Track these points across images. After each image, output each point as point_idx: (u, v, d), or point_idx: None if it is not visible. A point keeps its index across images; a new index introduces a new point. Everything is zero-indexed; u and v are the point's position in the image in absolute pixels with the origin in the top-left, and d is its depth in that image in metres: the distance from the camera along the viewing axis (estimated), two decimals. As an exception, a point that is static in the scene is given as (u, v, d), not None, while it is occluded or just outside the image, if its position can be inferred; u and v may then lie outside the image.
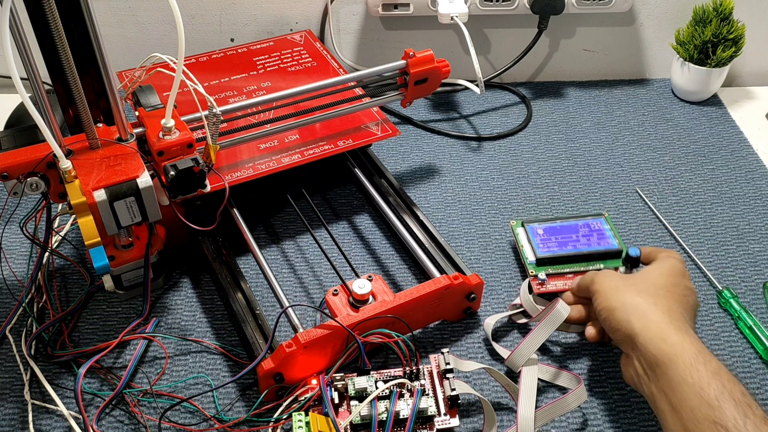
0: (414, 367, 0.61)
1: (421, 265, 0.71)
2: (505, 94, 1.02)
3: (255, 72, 0.87)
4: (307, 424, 0.55)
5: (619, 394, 0.63)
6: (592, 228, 0.74)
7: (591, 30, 1.01)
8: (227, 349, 0.66)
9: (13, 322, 0.68)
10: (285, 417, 0.59)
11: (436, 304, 0.66)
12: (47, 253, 0.72)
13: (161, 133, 0.62)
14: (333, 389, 0.59)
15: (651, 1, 0.98)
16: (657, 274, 0.61)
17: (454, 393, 0.59)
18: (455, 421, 0.59)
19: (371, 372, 0.60)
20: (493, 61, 1.03)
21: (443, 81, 0.81)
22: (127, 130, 0.63)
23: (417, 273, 0.75)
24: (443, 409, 0.60)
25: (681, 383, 0.51)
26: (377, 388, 0.58)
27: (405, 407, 0.57)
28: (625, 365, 0.58)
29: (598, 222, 0.75)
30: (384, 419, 0.57)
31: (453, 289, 0.66)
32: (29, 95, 0.55)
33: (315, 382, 0.60)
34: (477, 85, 0.92)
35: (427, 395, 0.59)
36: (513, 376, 0.64)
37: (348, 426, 0.58)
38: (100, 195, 0.58)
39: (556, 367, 0.64)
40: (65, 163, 0.58)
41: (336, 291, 0.66)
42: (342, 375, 0.60)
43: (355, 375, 0.60)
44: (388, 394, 0.58)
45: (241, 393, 0.63)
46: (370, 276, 0.67)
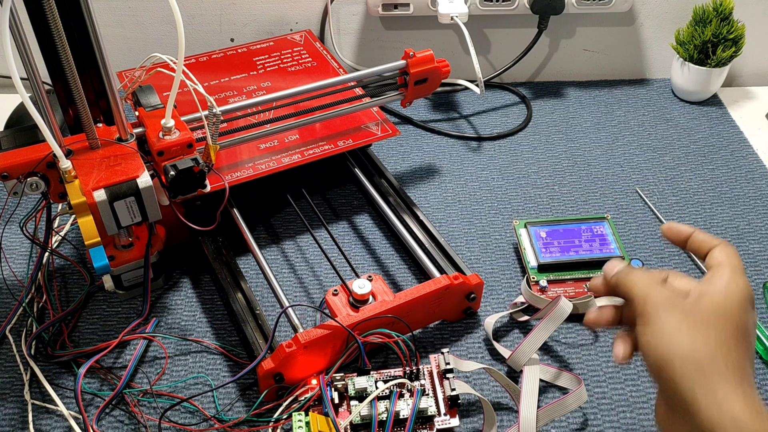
0: (414, 367, 0.61)
1: (421, 265, 0.71)
2: (505, 94, 1.02)
3: (255, 72, 0.87)
4: (307, 424, 0.55)
5: (619, 394, 0.64)
6: (594, 232, 0.74)
7: (591, 30, 1.01)
8: (227, 349, 0.66)
9: (13, 322, 0.68)
10: (285, 417, 0.59)
11: (436, 304, 0.66)
12: (47, 253, 0.72)
13: (161, 133, 0.62)
14: (333, 389, 0.59)
15: (651, 1, 0.98)
16: (728, 305, 0.46)
17: (454, 393, 0.59)
18: (455, 421, 0.59)
19: (371, 372, 0.60)
20: (493, 61, 1.03)
21: (443, 81, 0.81)
22: (127, 130, 0.63)
23: (417, 273, 0.75)
24: (443, 409, 0.60)
25: None
26: (377, 388, 0.58)
27: (405, 407, 0.57)
28: (669, 422, 0.46)
29: (600, 226, 0.75)
30: (384, 419, 0.57)
31: (453, 289, 0.66)
32: (29, 95, 0.55)
33: (315, 382, 0.60)
34: (477, 85, 0.92)
35: (427, 395, 0.59)
36: (513, 375, 0.64)
37: (348, 426, 0.58)
38: (100, 195, 0.58)
39: (556, 368, 0.64)
40: (65, 163, 0.58)
41: (336, 291, 0.66)
42: (342, 375, 0.60)
43: (355, 375, 0.60)
44: (388, 394, 0.58)
45: (241, 393, 0.63)
46: (370, 276, 0.67)
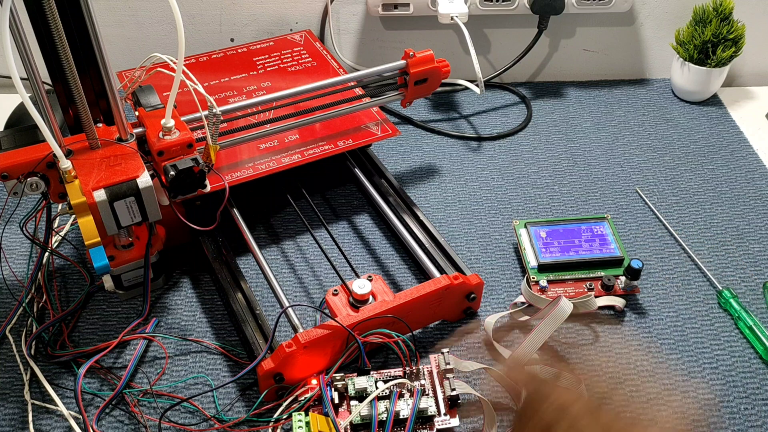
0: (414, 367, 0.61)
1: (421, 265, 0.71)
2: (505, 94, 1.02)
3: (255, 72, 0.87)
4: (307, 424, 0.55)
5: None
6: (594, 233, 0.74)
7: (591, 30, 1.01)
8: (227, 349, 0.66)
9: (13, 322, 0.68)
10: (285, 417, 0.59)
11: (436, 304, 0.66)
12: (47, 253, 0.72)
13: (161, 133, 0.62)
14: (333, 389, 0.59)
15: (651, 1, 0.98)
16: None
17: (454, 393, 0.59)
18: (455, 421, 0.59)
19: (371, 372, 0.60)
20: (493, 61, 1.03)
21: (443, 81, 0.81)
22: (127, 130, 0.63)
23: (417, 273, 0.75)
24: (443, 409, 0.60)
25: None
26: (377, 388, 0.58)
27: (405, 407, 0.57)
28: None
29: (600, 226, 0.75)
30: (384, 419, 0.57)
31: (453, 289, 0.66)
32: (29, 95, 0.55)
33: (315, 382, 0.60)
34: (477, 85, 0.92)
35: (427, 395, 0.59)
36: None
37: (348, 426, 0.58)
38: (100, 195, 0.58)
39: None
40: (65, 163, 0.58)
41: (336, 291, 0.66)
42: (342, 375, 0.60)
43: (355, 375, 0.60)
44: (388, 394, 0.58)
45: (241, 393, 0.63)
46: (370, 276, 0.67)
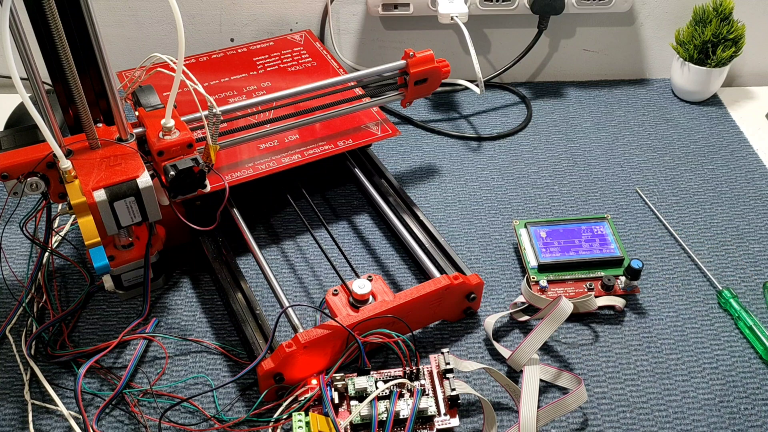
0: (414, 367, 0.61)
1: (421, 265, 0.71)
2: (505, 94, 1.02)
3: (255, 72, 0.87)
4: (307, 424, 0.55)
5: (619, 394, 0.64)
6: (594, 233, 0.74)
7: (591, 30, 1.01)
8: (227, 349, 0.66)
9: (13, 322, 0.68)
10: (285, 417, 0.59)
11: (436, 304, 0.66)
12: (47, 253, 0.72)
13: (161, 133, 0.62)
14: (333, 389, 0.59)
15: (651, 1, 0.98)
16: None
17: (454, 393, 0.59)
18: (455, 421, 0.59)
19: (371, 372, 0.60)
20: (493, 61, 1.03)
21: (443, 81, 0.81)
22: (127, 130, 0.63)
23: (417, 273, 0.75)
24: (443, 409, 0.60)
25: None
26: (377, 388, 0.58)
27: (405, 407, 0.57)
28: None
29: (600, 226, 0.75)
30: (384, 419, 0.57)
31: (453, 289, 0.66)
32: (29, 95, 0.55)
33: (315, 382, 0.60)
34: (477, 85, 0.92)
35: (427, 395, 0.59)
36: (513, 375, 0.64)
37: (348, 426, 0.58)
38: (100, 195, 0.58)
39: (556, 368, 0.64)
40: (65, 163, 0.58)
41: (336, 291, 0.66)
42: (342, 375, 0.60)
43: (355, 375, 0.60)
44: (388, 394, 0.58)
45: (241, 393, 0.63)
46: (370, 276, 0.67)
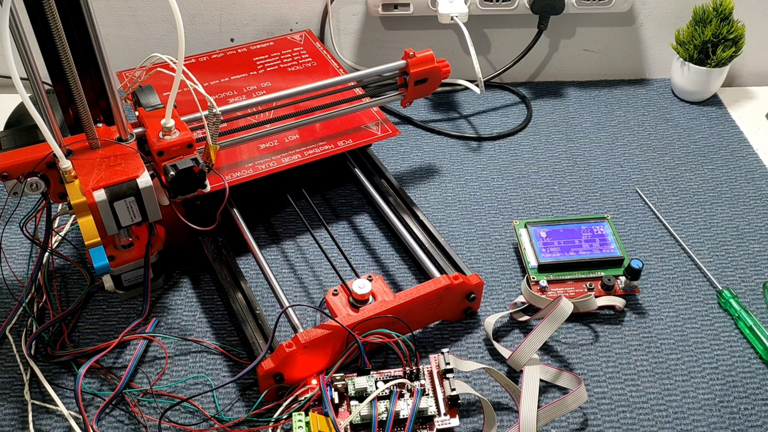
0: (414, 367, 0.61)
1: (421, 265, 0.71)
2: (505, 94, 1.02)
3: (255, 72, 0.87)
4: (307, 424, 0.55)
5: (619, 394, 0.64)
6: (594, 233, 0.74)
7: (591, 30, 1.01)
8: (227, 349, 0.66)
9: (13, 322, 0.68)
10: (285, 417, 0.59)
11: (436, 304, 0.66)
12: (47, 253, 0.72)
13: (161, 133, 0.62)
14: (333, 389, 0.59)
15: (651, 1, 0.98)
16: None
17: (454, 393, 0.59)
18: (455, 421, 0.59)
19: (371, 372, 0.60)
20: (493, 61, 1.03)
21: (443, 81, 0.81)
22: (127, 130, 0.63)
23: (417, 273, 0.75)
24: (443, 409, 0.60)
25: None
26: (377, 388, 0.58)
27: (405, 407, 0.57)
28: None
29: (600, 226, 0.75)
30: (384, 419, 0.57)
31: (453, 289, 0.66)
32: (29, 95, 0.55)
33: (315, 382, 0.60)
34: (477, 85, 0.92)
35: (427, 395, 0.59)
36: (513, 376, 0.64)
37: (348, 426, 0.57)
38: (100, 195, 0.58)
39: (556, 368, 0.64)
40: (65, 163, 0.58)
41: (336, 291, 0.66)
42: (342, 375, 0.60)
43: (355, 375, 0.60)
44: (388, 394, 0.58)
45: (241, 393, 0.63)
46: (370, 276, 0.67)
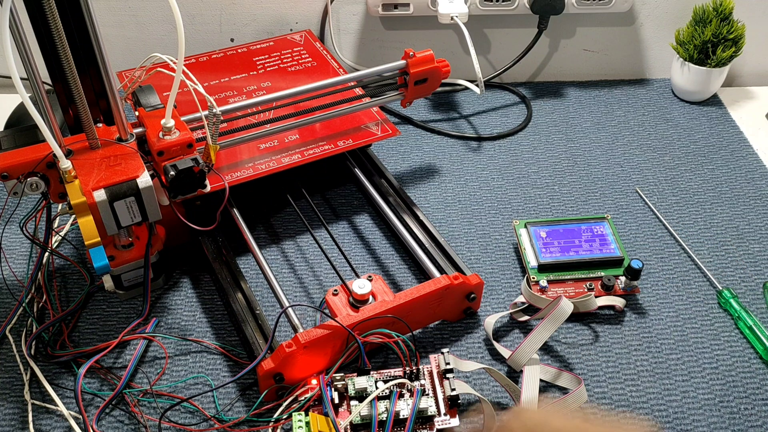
0: (414, 367, 0.61)
1: (421, 265, 0.71)
2: (505, 94, 1.02)
3: (255, 72, 0.87)
4: (307, 424, 0.55)
5: (619, 394, 0.64)
6: (594, 233, 0.74)
7: (591, 30, 1.01)
8: (227, 349, 0.66)
9: (13, 322, 0.68)
10: (285, 417, 0.59)
11: (436, 304, 0.66)
12: (47, 253, 0.72)
13: (161, 133, 0.62)
14: (333, 389, 0.59)
15: (651, 1, 0.98)
16: None
17: (454, 393, 0.59)
18: (455, 421, 0.59)
19: (371, 372, 0.60)
20: (493, 61, 1.03)
21: (443, 81, 0.81)
22: (127, 130, 0.63)
23: (417, 273, 0.75)
24: (443, 409, 0.60)
25: None
26: (377, 388, 0.58)
27: (405, 407, 0.57)
28: None
29: (600, 226, 0.75)
30: (384, 419, 0.57)
31: (453, 289, 0.66)
32: (29, 95, 0.55)
33: (315, 382, 0.60)
34: (477, 85, 0.92)
35: (427, 395, 0.59)
36: (513, 376, 0.64)
37: (348, 426, 0.57)
38: (100, 195, 0.58)
39: (556, 368, 0.64)
40: (65, 163, 0.58)
41: (336, 291, 0.66)
42: (342, 375, 0.60)
43: (355, 375, 0.60)
44: (388, 394, 0.58)
45: (241, 393, 0.63)
46: (370, 276, 0.67)
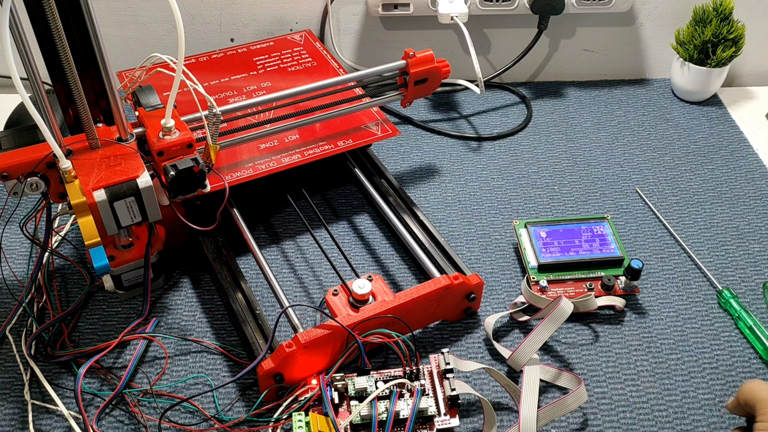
0: (414, 367, 0.61)
1: (421, 265, 0.71)
2: (505, 94, 1.02)
3: (255, 72, 0.87)
4: (307, 424, 0.55)
5: (619, 394, 0.64)
6: (594, 233, 0.74)
7: (591, 30, 1.01)
8: (227, 349, 0.66)
9: (13, 322, 0.68)
10: (285, 417, 0.59)
11: (436, 304, 0.66)
12: (47, 253, 0.72)
13: (161, 133, 0.62)
14: (333, 389, 0.59)
15: (651, 1, 0.98)
16: None
17: (454, 393, 0.59)
18: (455, 421, 0.59)
19: (371, 372, 0.60)
20: (493, 61, 1.03)
21: (443, 81, 0.81)
22: (127, 130, 0.63)
23: (417, 273, 0.75)
24: (443, 409, 0.60)
25: None
26: (377, 388, 0.58)
27: (405, 407, 0.57)
28: None
29: (600, 226, 0.75)
30: (384, 419, 0.57)
31: (453, 289, 0.66)
32: (29, 95, 0.55)
33: (315, 382, 0.60)
34: (477, 85, 0.92)
35: (427, 395, 0.59)
36: (513, 375, 0.64)
37: (348, 426, 0.58)
38: (100, 195, 0.58)
39: (556, 368, 0.64)
40: (65, 163, 0.58)
41: (336, 291, 0.66)
42: (342, 375, 0.60)
43: (355, 375, 0.60)
44: (388, 394, 0.58)
45: (241, 393, 0.63)
46: (370, 276, 0.67)
